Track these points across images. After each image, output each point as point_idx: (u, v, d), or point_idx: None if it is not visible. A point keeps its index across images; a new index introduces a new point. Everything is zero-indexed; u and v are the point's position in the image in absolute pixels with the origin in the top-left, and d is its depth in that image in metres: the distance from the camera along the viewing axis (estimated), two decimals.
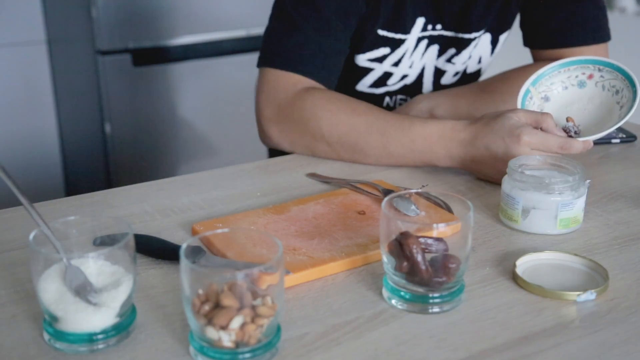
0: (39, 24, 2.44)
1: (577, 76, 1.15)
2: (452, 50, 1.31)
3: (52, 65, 2.49)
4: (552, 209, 0.91)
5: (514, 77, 1.27)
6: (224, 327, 0.65)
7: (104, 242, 0.75)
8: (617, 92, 1.10)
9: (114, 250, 0.69)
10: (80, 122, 2.43)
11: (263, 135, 1.22)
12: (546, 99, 1.14)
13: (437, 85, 1.35)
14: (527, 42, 1.34)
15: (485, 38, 1.32)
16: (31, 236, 0.69)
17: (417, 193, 0.89)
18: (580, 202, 0.92)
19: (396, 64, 1.29)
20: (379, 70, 1.30)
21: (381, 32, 1.25)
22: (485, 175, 1.06)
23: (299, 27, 1.17)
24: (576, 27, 1.26)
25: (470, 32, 1.28)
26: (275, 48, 1.20)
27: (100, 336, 0.69)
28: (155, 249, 0.86)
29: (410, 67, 1.30)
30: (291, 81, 1.17)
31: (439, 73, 1.34)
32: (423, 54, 1.30)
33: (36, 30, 2.44)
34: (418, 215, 0.88)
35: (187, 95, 2.31)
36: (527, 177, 0.92)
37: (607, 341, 0.71)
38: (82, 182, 2.51)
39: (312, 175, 1.10)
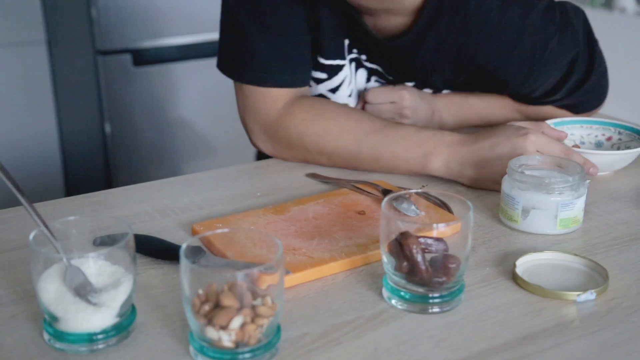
0: (39, 24, 2.44)
1: (596, 136, 1.18)
2: (380, 80, 1.25)
3: (52, 65, 2.49)
4: (552, 209, 0.91)
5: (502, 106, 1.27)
6: (224, 327, 0.65)
7: (104, 242, 0.75)
8: (627, 148, 1.14)
9: (114, 250, 0.69)
10: (80, 122, 2.43)
11: (256, 147, 1.20)
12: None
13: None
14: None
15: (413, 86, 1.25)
16: (31, 236, 0.69)
17: (417, 193, 0.89)
18: (580, 202, 0.92)
19: (333, 90, 1.21)
20: (314, 89, 1.23)
21: (321, 60, 1.18)
22: (482, 178, 1.04)
23: (252, 34, 1.11)
24: (587, 104, 1.24)
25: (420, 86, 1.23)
26: (242, 59, 1.12)
27: (100, 336, 0.69)
28: (155, 249, 0.86)
29: (350, 96, 1.23)
30: (270, 98, 1.13)
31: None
32: (355, 76, 1.23)
33: (36, 30, 2.44)
34: (418, 215, 0.88)
35: (187, 95, 2.31)
36: (527, 177, 0.92)
37: (607, 341, 0.71)
38: (82, 182, 2.51)
39: (312, 176, 1.10)
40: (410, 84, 1.23)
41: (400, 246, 0.74)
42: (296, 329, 0.73)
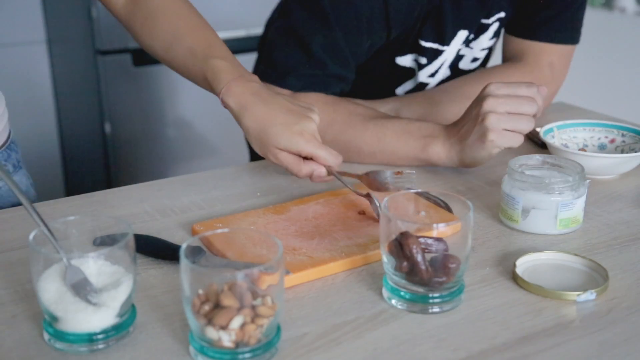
0: (39, 24, 2.44)
1: (599, 138, 1.18)
2: (470, 36, 1.29)
3: (52, 65, 2.49)
4: (552, 209, 0.91)
5: (476, 80, 1.29)
6: (224, 327, 0.65)
7: (104, 242, 0.75)
8: (632, 150, 1.14)
9: (114, 250, 0.69)
10: (80, 122, 2.43)
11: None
12: (565, 146, 1.16)
13: (455, 70, 1.33)
14: (507, 27, 1.35)
15: (495, 24, 1.31)
16: (31, 236, 0.69)
17: (417, 193, 0.89)
18: (580, 202, 0.92)
19: (433, 75, 1.29)
20: (416, 78, 1.29)
21: (422, 43, 1.23)
22: (468, 161, 1.06)
23: (310, 52, 1.14)
24: (555, 27, 1.29)
25: (488, 17, 1.26)
26: (282, 67, 1.16)
27: (100, 336, 0.69)
28: (155, 249, 0.86)
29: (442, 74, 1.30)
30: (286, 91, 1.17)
31: (456, 59, 1.32)
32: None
33: (36, 30, 2.44)
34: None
35: (187, 95, 2.31)
36: (527, 177, 0.92)
37: (607, 341, 0.71)
38: (82, 182, 2.51)
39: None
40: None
41: (400, 246, 0.74)
42: (296, 329, 0.73)
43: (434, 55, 1.25)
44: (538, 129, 1.18)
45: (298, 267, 0.81)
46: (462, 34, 1.24)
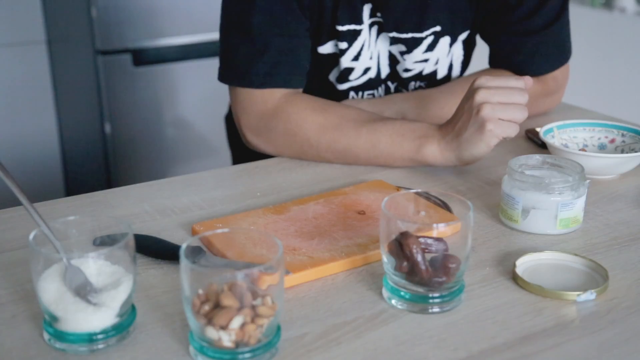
0: (39, 24, 2.44)
1: (599, 138, 1.18)
2: (401, 47, 1.27)
3: (52, 65, 2.49)
4: (552, 209, 0.91)
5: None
6: (224, 327, 0.65)
7: (104, 242, 0.75)
8: (632, 150, 1.14)
9: (114, 250, 0.69)
10: (80, 122, 2.43)
11: (246, 142, 1.21)
12: (565, 146, 1.15)
13: (394, 73, 1.31)
14: (491, 63, 1.33)
15: (443, 41, 1.27)
16: (31, 236, 0.69)
17: (417, 193, 0.89)
18: (580, 202, 0.92)
19: (356, 58, 1.26)
20: (340, 65, 1.27)
21: (338, 27, 1.22)
22: (465, 157, 1.05)
23: (253, 34, 1.14)
24: (543, 58, 1.27)
25: (421, 30, 1.24)
26: (238, 64, 1.16)
27: (100, 336, 0.69)
28: (155, 249, 0.86)
29: (371, 58, 1.27)
30: (266, 93, 1.16)
31: (394, 59, 1.29)
32: (376, 40, 1.26)
33: (36, 30, 2.44)
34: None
35: (187, 95, 2.31)
36: (527, 177, 0.92)
37: (607, 341, 0.71)
38: (82, 182, 2.51)
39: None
40: (428, 31, 1.26)
41: (400, 246, 0.74)
42: (296, 329, 0.73)
43: (352, 37, 1.23)
44: (538, 129, 1.18)
45: (298, 267, 0.81)
46: (367, 7, 1.22)
